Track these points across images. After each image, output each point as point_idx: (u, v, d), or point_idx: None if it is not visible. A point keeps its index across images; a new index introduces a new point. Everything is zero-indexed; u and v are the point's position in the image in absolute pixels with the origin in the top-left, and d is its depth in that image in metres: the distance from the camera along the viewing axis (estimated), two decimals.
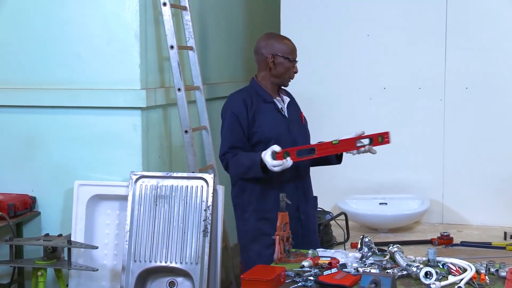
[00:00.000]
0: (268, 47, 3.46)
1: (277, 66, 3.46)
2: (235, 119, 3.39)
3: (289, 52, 3.46)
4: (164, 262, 3.65)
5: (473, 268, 2.85)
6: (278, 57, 3.44)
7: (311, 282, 2.75)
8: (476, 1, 4.53)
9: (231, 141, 3.40)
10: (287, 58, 3.45)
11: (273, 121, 3.45)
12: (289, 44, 3.49)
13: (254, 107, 3.41)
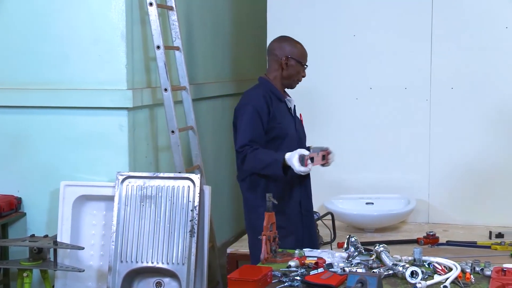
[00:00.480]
0: (282, 49, 3.56)
1: (289, 68, 3.54)
2: (256, 114, 3.42)
3: (301, 56, 3.56)
4: (150, 263, 3.65)
5: (459, 267, 2.86)
6: (291, 59, 3.53)
7: (298, 282, 2.75)
8: (461, 2, 4.56)
9: (251, 135, 3.40)
10: (299, 62, 3.55)
11: (286, 120, 3.53)
12: (302, 49, 3.60)
13: (273, 104, 3.48)
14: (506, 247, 4.04)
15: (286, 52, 3.54)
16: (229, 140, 5.44)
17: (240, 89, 5.57)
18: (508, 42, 4.50)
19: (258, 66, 5.56)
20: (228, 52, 5.47)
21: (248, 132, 3.41)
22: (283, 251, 3.19)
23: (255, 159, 3.38)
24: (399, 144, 4.72)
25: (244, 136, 3.41)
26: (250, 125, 3.42)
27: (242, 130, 3.44)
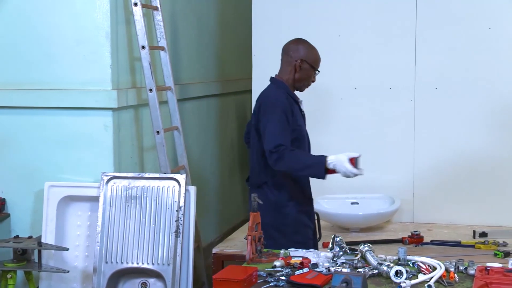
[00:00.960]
0: (298, 51, 3.62)
1: (302, 71, 3.61)
2: (285, 115, 3.48)
3: (315, 61, 3.64)
4: (136, 263, 3.64)
5: (443, 266, 2.89)
6: (305, 63, 3.60)
7: (283, 282, 2.76)
8: (445, 2, 4.58)
9: (285, 136, 3.45)
10: (312, 67, 3.62)
11: (301, 125, 3.62)
12: (317, 54, 3.66)
13: (292, 106, 3.55)
14: (490, 246, 4.07)
15: (301, 55, 3.60)
16: (214, 140, 5.45)
17: (225, 89, 5.57)
18: (491, 42, 4.53)
19: (243, 66, 5.57)
20: (213, 53, 5.46)
21: (281, 133, 3.46)
22: (268, 251, 3.20)
23: (295, 159, 3.43)
24: (383, 144, 4.74)
25: (277, 136, 3.44)
26: (281, 126, 3.47)
27: (273, 131, 3.46)
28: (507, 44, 4.53)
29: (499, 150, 4.58)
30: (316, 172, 3.44)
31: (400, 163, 4.72)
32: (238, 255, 4.07)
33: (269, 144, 3.45)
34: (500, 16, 4.51)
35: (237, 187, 5.89)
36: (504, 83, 4.54)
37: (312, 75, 3.65)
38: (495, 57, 4.55)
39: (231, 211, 5.71)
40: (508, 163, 4.58)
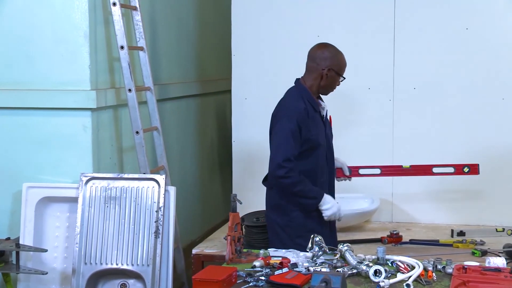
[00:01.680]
0: (326, 60, 3.59)
1: (328, 79, 3.60)
2: (298, 128, 3.50)
3: (341, 69, 3.62)
4: (115, 264, 3.63)
5: (421, 265, 2.91)
6: (332, 71, 3.58)
7: (262, 282, 2.77)
8: (424, 4, 4.61)
9: (294, 150, 3.48)
10: (339, 74, 3.60)
11: (320, 129, 3.62)
12: (343, 60, 3.64)
13: (310, 115, 3.56)
14: (468, 245, 4.10)
15: (328, 64, 3.58)
16: (194, 141, 5.45)
17: (205, 89, 5.57)
18: (468, 43, 4.57)
19: (223, 66, 5.56)
20: (192, 53, 5.46)
21: (292, 146, 3.48)
22: (248, 251, 3.20)
23: (302, 184, 3.49)
24: (362, 144, 4.76)
25: (288, 150, 3.48)
26: (294, 139, 3.48)
27: (285, 143, 3.49)
28: (484, 45, 4.57)
29: (477, 150, 4.61)
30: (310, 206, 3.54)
31: (379, 163, 4.72)
32: (218, 255, 4.07)
33: (280, 156, 3.48)
34: (477, 17, 4.55)
35: (217, 187, 5.88)
36: (481, 83, 4.58)
37: (338, 81, 3.65)
38: (472, 58, 4.59)
39: (211, 211, 5.70)
40: (486, 163, 4.61)
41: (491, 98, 4.57)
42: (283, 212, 3.62)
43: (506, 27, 4.53)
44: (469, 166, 3.87)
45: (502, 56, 4.54)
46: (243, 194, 4.42)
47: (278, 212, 3.63)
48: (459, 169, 3.81)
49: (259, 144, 4.90)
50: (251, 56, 4.88)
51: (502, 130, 4.58)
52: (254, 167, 4.93)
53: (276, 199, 3.63)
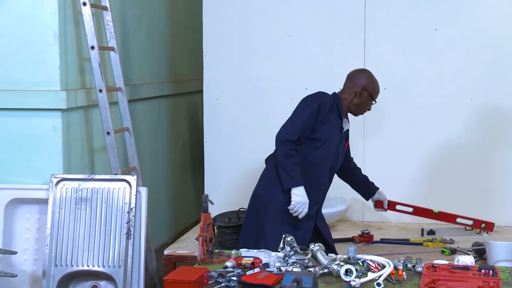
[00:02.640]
0: (362, 80, 3.81)
1: (361, 98, 3.80)
2: (317, 110, 3.68)
3: (374, 92, 3.84)
4: (86, 266, 3.60)
5: (391, 264, 2.94)
6: (365, 91, 3.79)
7: (234, 282, 2.77)
8: (393, 4, 4.65)
9: (304, 124, 3.67)
10: (371, 96, 3.81)
11: (332, 134, 3.77)
12: (377, 85, 3.86)
13: (332, 113, 3.74)
14: (437, 243, 4.15)
15: (363, 83, 3.79)
16: (166, 141, 5.43)
17: (177, 89, 5.55)
18: (438, 44, 4.61)
19: (194, 67, 5.56)
20: (164, 53, 5.44)
21: (301, 121, 3.67)
22: (219, 252, 3.20)
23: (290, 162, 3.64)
24: None
25: (294, 129, 3.67)
26: (306, 119, 3.67)
27: (294, 121, 3.70)
28: (452, 46, 4.62)
29: (446, 149, 4.67)
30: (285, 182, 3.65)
31: None
32: (190, 256, 4.07)
33: (285, 134, 3.67)
34: (445, 18, 4.60)
35: (189, 187, 5.87)
36: (450, 83, 4.63)
37: (369, 104, 3.85)
38: (441, 58, 4.63)
39: (183, 212, 5.69)
40: (454, 162, 4.67)
41: (460, 98, 4.62)
42: (270, 188, 3.72)
43: (474, 28, 4.58)
44: (486, 223, 4.29)
45: (471, 56, 4.59)
46: (215, 195, 4.44)
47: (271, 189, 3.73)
48: (477, 223, 4.28)
49: (231, 145, 4.91)
50: (222, 57, 4.88)
51: (470, 130, 4.64)
52: (226, 168, 4.93)
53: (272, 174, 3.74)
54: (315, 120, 3.68)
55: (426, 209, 4.35)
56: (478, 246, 3.92)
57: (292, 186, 3.62)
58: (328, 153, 3.75)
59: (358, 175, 4.18)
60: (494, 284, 2.61)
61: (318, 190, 3.76)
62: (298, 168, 3.65)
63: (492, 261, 3.49)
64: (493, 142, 4.62)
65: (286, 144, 3.64)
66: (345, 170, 4.09)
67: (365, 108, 3.86)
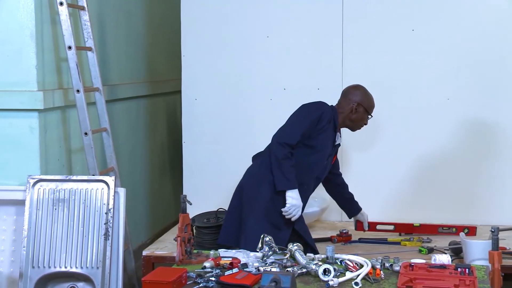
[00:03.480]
0: (357, 96, 3.89)
1: (357, 114, 3.87)
2: (318, 119, 3.75)
3: (369, 107, 3.92)
4: (64, 267, 3.58)
5: (369, 263, 2.95)
6: (361, 107, 3.87)
7: (213, 282, 2.77)
8: (370, 4, 4.68)
9: (304, 130, 3.71)
10: (366, 111, 3.89)
11: (326, 145, 3.82)
12: (372, 101, 3.94)
13: (329, 125, 3.80)
14: (415, 243, 4.18)
15: (358, 99, 3.87)
16: (145, 142, 5.41)
17: (155, 90, 5.54)
18: (415, 44, 4.65)
19: (173, 67, 5.54)
20: (142, 53, 5.42)
21: (302, 127, 3.72)
22: (198, 252, 3.20)
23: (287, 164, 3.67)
24: None
25: (295, 133, 3.71)
26: (307, 125, 3.72)
27: (296, 125, 3.75)
28: (429, 46, 4.65)
29: (422, 149, 4.70)
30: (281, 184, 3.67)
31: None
32: (168, 256, 4.06)
33: (286, 137, 3.71)
34: (422, 18, 4.63)
35: (167, 188, 5.86)
36: (427, 83, 4.67)
37: (365, 119, 3.91)
38: (418, 58, 4.67)
39: (162, 212, 5.68)
40: (431, 161, 4.71)
41: (437, 98, 4.66)
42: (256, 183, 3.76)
43: (451, 29, 4.62)
44: (468, 228, 4.30)
45: (447, 57, 4.63)
46: (193, 195, 4.42)
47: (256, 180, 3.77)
48: (460, 229, 4.25)
49: (210, 145, 4.91)
50: (201, 57, 4.88)
51: (447, 130, 4.67)
52: (205, 168, 4.93)
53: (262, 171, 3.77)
54: (314, 127, 3.74)
55: (406, 224, 4.37)
56: (455, 245, 3.96)
57: (288, 188, 3.67)
58: (319, 161, 3.81)
59: (345, 192, 4.23)
60: (470, 283, 2.64)
61: (303, 195, 3.77)
62: (294, 171, 3.69)
63: (468, 260, 3.53)
64: (471, 145, 4.66)
65: (285, 147, 3.67)
66: (333, 184, 4.16)
67: (361, 123, 3.93)
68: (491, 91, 4.60)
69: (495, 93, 4.60)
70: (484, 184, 4.66)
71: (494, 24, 4.57)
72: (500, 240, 3.30)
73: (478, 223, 4.50)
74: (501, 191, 4.65)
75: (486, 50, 4.59)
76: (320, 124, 3.75)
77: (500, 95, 4.60)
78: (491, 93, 4.60)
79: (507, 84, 4.59)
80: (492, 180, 4.65)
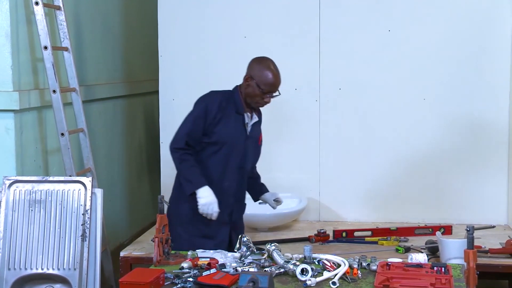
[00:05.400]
0: (251, 68, 3.65)
1: (248, 87, 3.62)
2: (204, 113, 3.58)
3: (262, 82, 3.60)
4: (40, 269, 3.55)
5: (347, 263, 2.97)
6: (252, 81, 3.60)
7: (190, 283, 2.77)
8: (347, 6, 4.70)
9: (189, 130, 3.59)
10: (258, 86, 3.59)
11: (233, 131, 3.62)
12: (269, 76, 3.61)
13: (225, 111, 3.61)
14: (392, 242, 4.20)
15: (251, 72, 3.63)
16: (122, 142, 5.39)
17: (132, 90, 5.51)
18: (391, 44, 4.68)
19: (150, 67, 5.53)
20: (119, 53, 5.39)
21: (188, 126, 3.60)
22: (176, 253, 3.20)
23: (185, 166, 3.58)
24: (290, 144, 4.81)
25: (182, 129, 3.61)
26: (193, 121, 3.60)
27: (185, 123, 3.63)
28: (405, 47, 4.68)
29: (400, 148, 4.73)
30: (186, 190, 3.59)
31: (307, 163, 4.81)
32: (146, 257, 4.05)
33: (176, 135, 3.63)
34: (398, 19, 4.67)
35: (145, 189, 5.84)
36: (403, 83, 4.70)
37: (260, 95, 3.61)
38: (394, 59, 4.70)
39: (140, 213, 5.65)
40: (408, 161, 4.74)
41: (413, 98, 4.69)
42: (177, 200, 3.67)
43: (426, 30, 4.65)
44: (444, 227, 4.34)
45: (423, 57, 4.67)
46: None
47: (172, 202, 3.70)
48: (436, 229, 4.25)
49: None
50: (178, 57, 4.87)
51: (422, 129, 4.71)
52: None
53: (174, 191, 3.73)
54: (204, 123, 3.57)
55: (384, 229, 4.39)
56: (431, 244, 3.99)
57: (195, 189, 3.55)
58: (231, 154, 3.62)
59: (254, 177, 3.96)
60: (446, 281, 2.66)
61: (226, 195, 3.64)
62: (196, 170, 3.57)
63: (444, 259, 3.56)
64: (446, 144, 4.69)
65: (175, 151, 3.59)
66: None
67: (257, 99, 3.63)
68: (467, 91, 4.64)
69: (470, 93, 4.64)
70: (459, 183, 4.70)
71: (469, 23, 4.61)
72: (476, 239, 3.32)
73: (454, 222, 4.54)
74: (476, 190, 4.69)
75: (461, 49, 4.63)
76: (209, 118, 3.56)
77: (475, 94, 4.64)
78: (466, 92, 4.64)
79: (481, 83, 4.63)
80: (467, 179, 4.69)
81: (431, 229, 4.33)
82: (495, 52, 4.59)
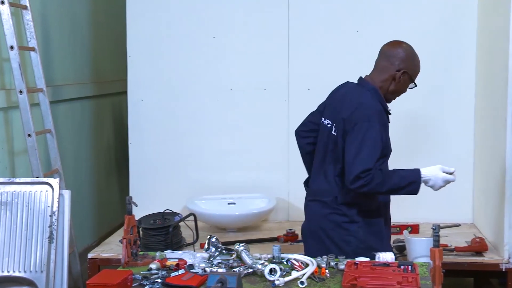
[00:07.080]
0: (403, 61, 3.25)
1: (401, 84, 3.27)
2: (381, 133, 3.16)
3: (415, 74, 3.29)
4: (6, 272, 3.51)
5: (315, 262, 2.98)
6: (407, 75, 3.26)
7: (158, 284, 2.76)
8: (316, 6, 4.72)
9: (376, 157, 3.13)
10: (411, 79, 3.28)
11: (388, 138, 3.30)
12: (419, 65, 3.30)
13: (383, 120, 3.24)
14: None
15: (407, 66, 3.24)
16: (90, 143, 5.35)
17: (101, 91, 5.48)
18: (359, 45, 4.71)
19: (118, 68, 5.49)
20: (87, 53, 5.36)
21: (374, 153, 3.12)
22: (144, 254, 3.18)
23: (392, 178, 3.16)
24: (259, 144, 4.82)
25: (369, 159, 3.11)
26: (375, 146, 3.13)
27: (366, 149, 3.12)
28: (373, 47, 4.69)
29: None
30: (412, 189, 3.19)
31: (276, 163, 4.82)
32: (114, 259, 4.03)
33: (356, 169, 3.10)
34: (366, 20, 4.70)
35: (114, 190, 5.80)
36: None
37: (406, 89, 3.30)
38: (363, 59, 4.70)
39: (108, 214, 5.62)
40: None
41: None
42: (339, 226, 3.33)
43: (393, 30, 4.69)
44: (411, 226, 4.41)
45: None
46: (140, 197, 4.40)
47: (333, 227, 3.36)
48: (403, 228, 4.31)
49: (156, 146, 4.89)
50: (147, 57, 4.85)
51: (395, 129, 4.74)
52: (151, 169, 4.90)
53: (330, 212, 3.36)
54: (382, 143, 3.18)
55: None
56: (399, 243, 4.03)
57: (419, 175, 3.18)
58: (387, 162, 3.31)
59: None
60: (413, 280, 2.69)
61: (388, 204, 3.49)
62: (394, 173, 3.20)
63: (411, 257, 3.60)
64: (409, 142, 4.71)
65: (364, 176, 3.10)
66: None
67: (400, 94, 3.32)
68: (433, 90, 4.68)
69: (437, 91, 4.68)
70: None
71: (435, 25, 4.66)
72: (442, 237, 3.38)
73: (421, 221, 4.59)
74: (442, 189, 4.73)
75: (428, 48, 4.66)
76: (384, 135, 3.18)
77: (441, 93, 4.69)
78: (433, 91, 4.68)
79: (447, 83, 4.68)
80: None
81: (399, 228, 4.37)
82: (461, 51, 4.65)
